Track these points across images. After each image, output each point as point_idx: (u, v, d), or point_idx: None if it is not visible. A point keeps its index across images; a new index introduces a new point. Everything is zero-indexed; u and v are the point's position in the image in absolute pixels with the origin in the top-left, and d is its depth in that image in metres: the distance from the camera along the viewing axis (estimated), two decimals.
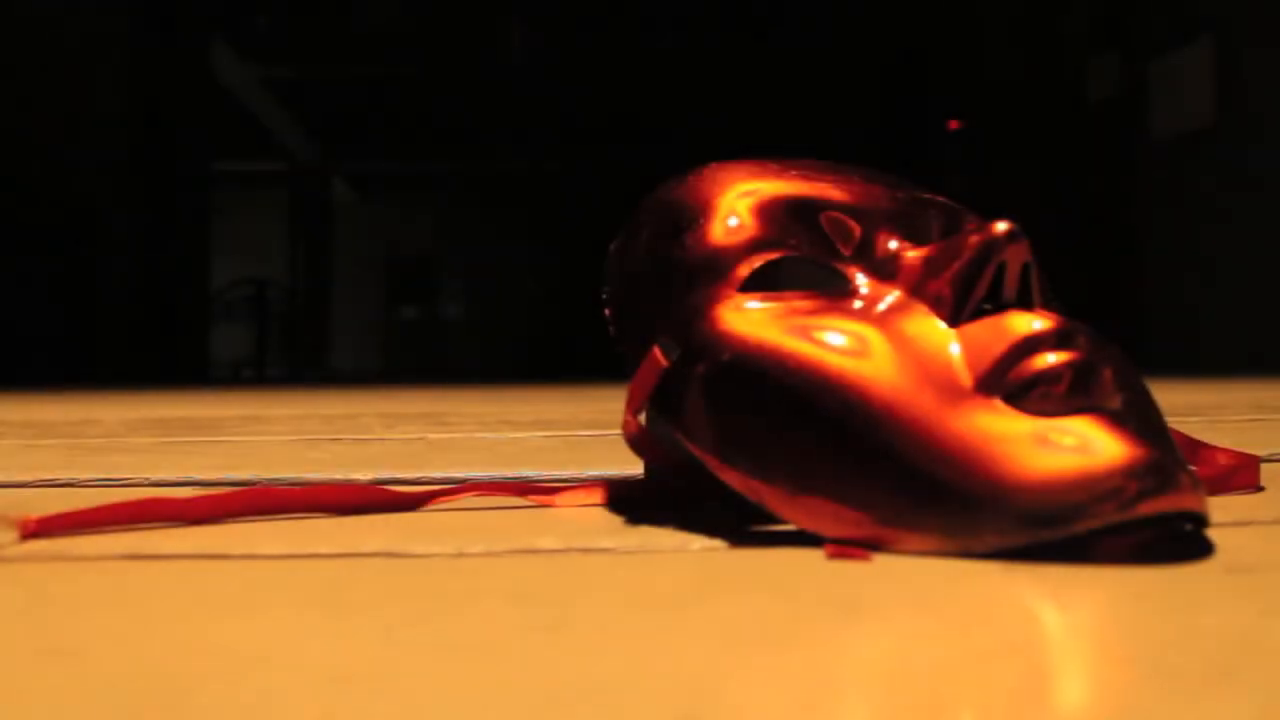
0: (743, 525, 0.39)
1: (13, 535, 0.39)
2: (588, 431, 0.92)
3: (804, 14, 5.09)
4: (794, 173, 0.40)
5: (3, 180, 3.82)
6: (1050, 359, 0.33)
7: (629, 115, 5.96)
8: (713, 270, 0.38)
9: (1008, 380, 0.33)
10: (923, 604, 0.27)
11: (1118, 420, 0.32)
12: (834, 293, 0.38)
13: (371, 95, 6.11)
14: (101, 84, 4.25)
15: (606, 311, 0.42)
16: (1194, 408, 1.14)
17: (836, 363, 0.35)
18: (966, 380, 0.34)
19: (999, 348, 0.34)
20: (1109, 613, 0.26)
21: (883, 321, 0.36)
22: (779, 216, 0.39)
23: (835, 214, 0.39)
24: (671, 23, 5.23)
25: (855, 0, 5.08)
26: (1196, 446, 0.47)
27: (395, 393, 2.15)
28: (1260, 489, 0.48)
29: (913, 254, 0.38)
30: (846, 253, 0.39)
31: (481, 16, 5.03)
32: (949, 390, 0.34)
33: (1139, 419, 0.33)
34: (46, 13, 4.08)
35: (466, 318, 7.88)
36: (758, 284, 0.38)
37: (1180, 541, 0.34)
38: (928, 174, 5.21)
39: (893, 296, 0.37)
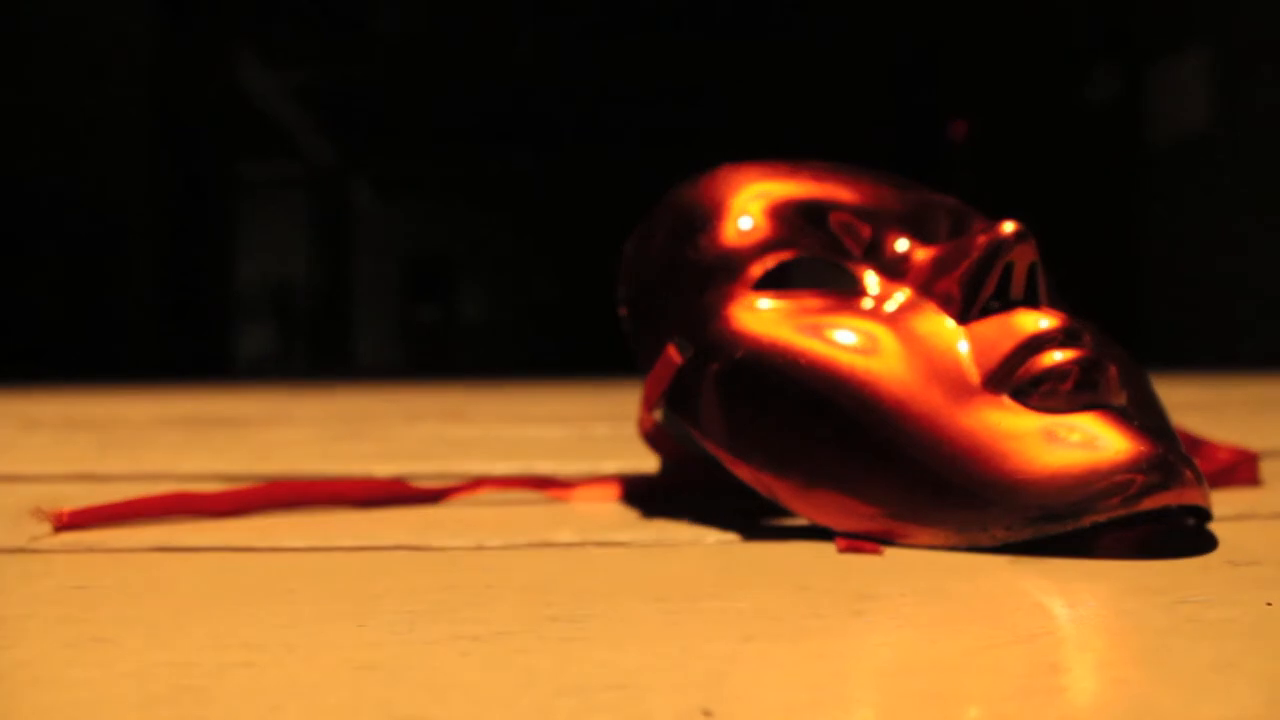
0: (756, 519, 0.40)
1: (46, 527, 0.40)
2: (603, 427, 0.93)
3: (809, 15, 5.07)
4: (805, 174, 0.41)
5: (31, 183, 3.85)
6: (1057, 356, 0.33)
7: (641, 115, 5.96)
8: (726, 270, 0.39)
9: (1015, 377, 0.34)
10: (932, 597, 0.28)
11: (1123, 416, 0.33)
12: (845, 292, 0.38)
13: (390, 98, 6.12)
14: (126, 88, 4.28)
15: (621, 310, 0.43)
16: (1193, 405, 1.14)
17: (847, 360, 0.35)
18: (975, 377, 0.34)
19: (1007, 345, 0.34)
20: (1114, 605, 0.26)
21: (892, 320, 0.36)
22: (790, 217, 0.39)
23: (845, 215, 0.40)
24: (686, 23, 5.22)
25: (859, 4, 5.05)
26: (1198, 443, 0.47)
27: (414, 389, 2.16)
28: (1260, 484, 0.48)
29: (922, 254, 0.38)
30: (857, 253, 0.39)
31: (491, 18, 5.04)
32: (958, 387, 0.34)
33: (1143, 415, 0.34)
34: (71, 19, 4.12)
35: (483, 316, 7.90)
36: (770, 284, 0.39)
37: (1183, 535, 0.34)
38: (933, 175, 5.18)
39: (902, 295, 0.37)
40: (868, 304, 0.37)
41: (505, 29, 5.23)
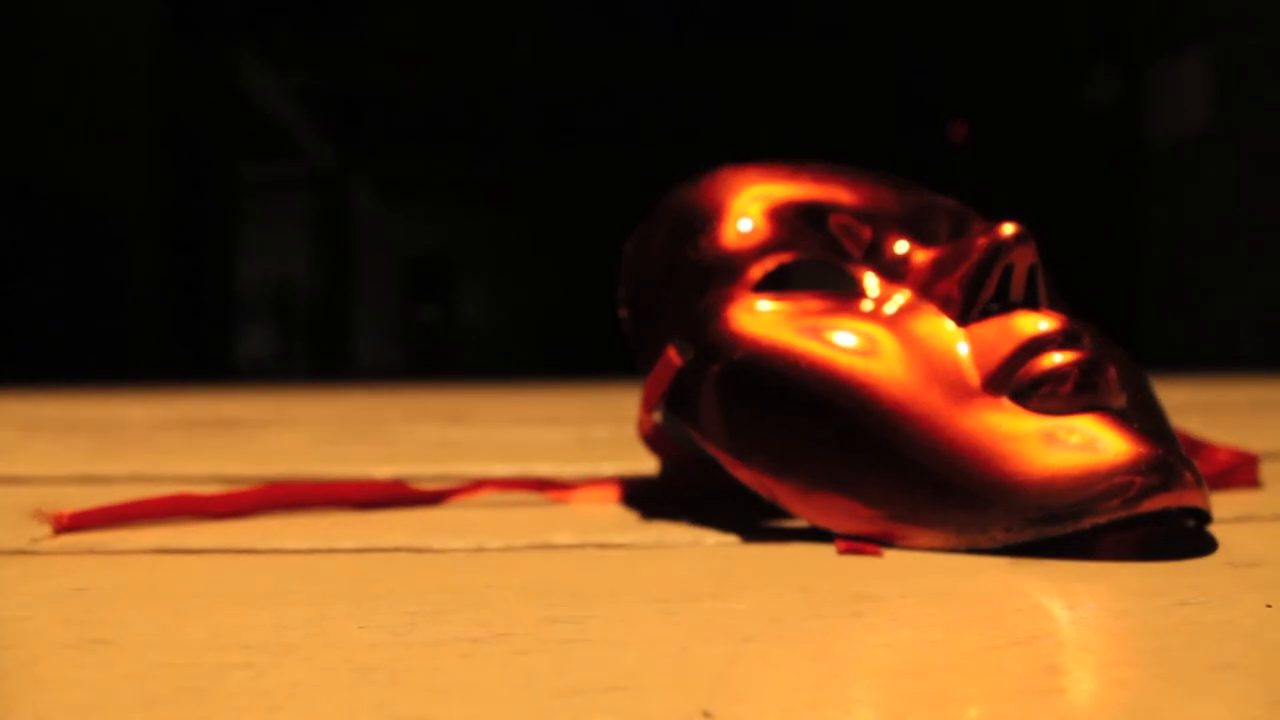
0: (756, 521, 0.40)
1: (47, 529, 0.40)
2: (603, 429, 0.93)
3: (809, 15, 5.07)
4: (805, 176, 0.41)
5: (31, 183, 3.86)
6: (1057, 358, 0.33)
7: (642, 116, 5.97)
8: (726, 272, 0.39)
9: (1015, 379, 0.34)
10: (932, 598, 0.28)
11: (1123, 418, 0.33)
12: (844, 294, 0.38)
13: (390, 98, 6.13)
14: (126, 88, 4.29)
15: (621, 312, 0.43)
16: (1193, 406, 1.14)
17: (847, 362, 0.36)
18: (974, 379, 0.34)
19: (1006, 347, 0.34)
20: (1114, 607, 0.27)
21: (892, 322, 0.37)
22: (790, 219, 0.40)
23: (845, 217, 0.40)
24: (686, 23, 5.23)
25: (859, 4, 5.06)
26: (1197, 445, 0.47)
27: (414, 390, 2.16)
28: (1259, 486, 0.48)
29: (922, 255, 0.38)
30: (857, 254, 0.39)
31: (490, 20, 5.04)
32: (957, 389, 0.34)
33: (1143, 417, 0.34)
34: (71, 19, 4.13)
35: (483, 316, 7.91)
36: (770, 285, 0.39)
37: (1183, 537, 0.34)
38: (932, 177, 5.17)
39: (902, 297, 0.37)
40: (867, 306, 0.37)
41: (505, 29, 5.24)
